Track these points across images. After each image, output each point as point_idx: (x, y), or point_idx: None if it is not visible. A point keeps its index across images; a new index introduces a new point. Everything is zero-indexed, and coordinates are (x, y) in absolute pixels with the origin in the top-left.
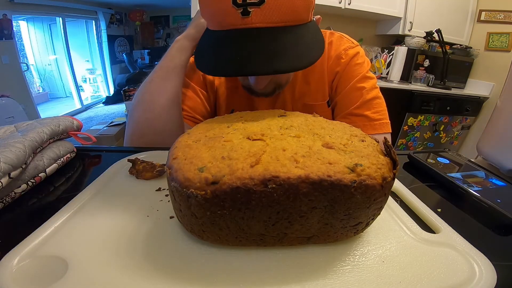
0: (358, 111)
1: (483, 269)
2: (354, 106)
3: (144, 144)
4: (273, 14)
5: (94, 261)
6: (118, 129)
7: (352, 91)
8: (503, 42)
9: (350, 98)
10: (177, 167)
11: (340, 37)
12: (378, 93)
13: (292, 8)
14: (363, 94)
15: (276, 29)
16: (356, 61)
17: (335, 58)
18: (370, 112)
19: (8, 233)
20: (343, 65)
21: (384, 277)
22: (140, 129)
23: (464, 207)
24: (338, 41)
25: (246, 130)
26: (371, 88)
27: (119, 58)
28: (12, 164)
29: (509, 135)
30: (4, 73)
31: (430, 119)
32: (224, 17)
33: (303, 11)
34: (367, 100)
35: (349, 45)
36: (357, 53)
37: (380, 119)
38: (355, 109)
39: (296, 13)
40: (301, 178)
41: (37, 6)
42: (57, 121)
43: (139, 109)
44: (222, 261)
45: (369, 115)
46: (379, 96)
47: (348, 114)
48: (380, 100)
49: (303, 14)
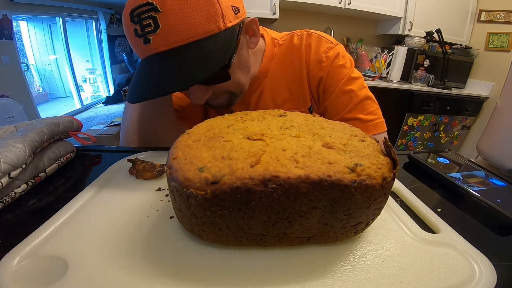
0: (349, 115)
1: (483, 269)
2: (345, 110)
3: (138, 143)
4: (170, 35)
5: (94, 261)
6: (118, 129)
7: (341, 95)
8: (503, 42)
9: (339, 102)
10: (177, 167)
11: (318, 38)
12: (368, 92)
13: (188, 24)
14: (352, 98)
15: (176, 49)
16: (338, 63)
17: (316, 62)
18: (363, 114)
19: (8, 233)
20: (326, 69)
21: (384, 277)
22: (132, 127)
23: (464, 207)
24: (316, 43)
25: (246, 130)
26: (359, 88)
27: (119, 58)
28: (12, 164)
29: (509, 135)
30: (4, 73)
31: (430, 119)
32: (136, 48)
33: (205, 22)
34: (357, 103)
35: (328, 46)
36: (337, 54)
37: (373, 120)
38: (346, 114)
39: (196, 27)
40: (301, 178)
41: (37, 6)
42: (57, 121)
43: (132, 106)
44: (222, 261)
45: (361, 118)
46: (369, 95)
47: (340, 119)
48: (371, 100)
49: (206, 26)
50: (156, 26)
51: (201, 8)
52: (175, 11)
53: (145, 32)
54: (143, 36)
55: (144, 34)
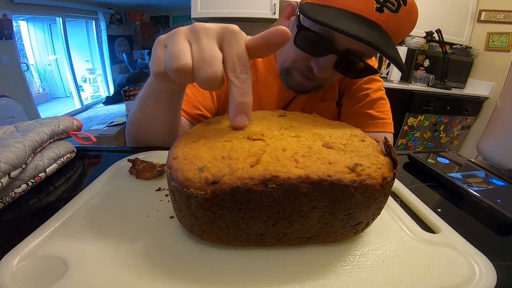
0: (362, 109)
1: (483, 269)
2: (359, 104)
3: (143, 141)
4: (396, 25)
5: (94, 261)
6: (118, 129)
7: (358, 91)
8: (503, 42)
9: (356, 98)
10: (177, 167)
11: None
12: (383, 95)
13: (406, 32)
14: (369, 94)
15: (388, 37)
16: None
17: None
18: (374, 111)
19: (8, 233)
20: None
21: (384, 277)
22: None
23: (464, 207)
24: None
25: (246, 130)
26: (377, 89)
27: (119, 58)
28: (12, 164)
29: (509, 135)
30: (4, 73)
31: (430, 119)
32: (358, 2)
33: (404, 37)
34: (372, 100)
35: None
36: None
37: (383, 119)
38: (359, 108)
39: (403, 36)
40: (301, 178)
41: (37, 6)
42: (57, 121)
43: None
44: (222, 261)
45: (373, 114)
46: (384, 97)
47: (353, 112)
48: (385, 101)
49: (401, 39)
50: (396, 10)
51: (412, 26)
52: (409, 16)
53: (386, 4)
54: (380, 4)
55: (384, 4)
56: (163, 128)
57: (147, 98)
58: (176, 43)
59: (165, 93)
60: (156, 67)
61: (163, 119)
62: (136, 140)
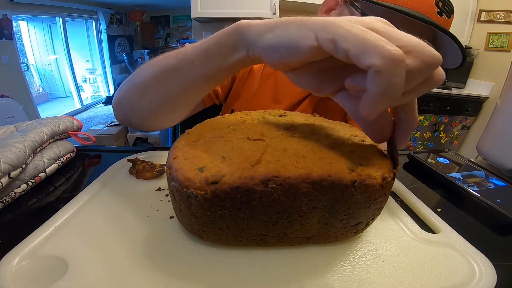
0: None
1: (483, 269)
2: None
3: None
4: (448, 28)
5: (94, 261)
6: (118, 129)
7: None
8: (503, 42)
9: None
10: (177, 167)
11: None
12: None
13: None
14: None
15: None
16: None
17: None
18: None
19: (8, 233)
20: None
21: (384, 277)
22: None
23: (464, 207)
24: None
25: (246, 130)
26: None
27: (119, 58)
28: (12, 164)
29: (509, 135)
30: (4, 73)
31: (430, 119)
32: (423, 3)
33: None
34: None
35: None
36: None
37: None
38: None
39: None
40: (301, 177)
41: (37, 6)
42: (57, 121)
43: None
44: (222, 261)
45: None
46: None
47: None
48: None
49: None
50: (449, 16)
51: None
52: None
53: (443, 8)
54: (440, 9)
55: (442, 9)
56: (177, 107)
57: (181, 72)
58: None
59: (224, 72)
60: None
61: (188, 98)
62: (130, 111)
